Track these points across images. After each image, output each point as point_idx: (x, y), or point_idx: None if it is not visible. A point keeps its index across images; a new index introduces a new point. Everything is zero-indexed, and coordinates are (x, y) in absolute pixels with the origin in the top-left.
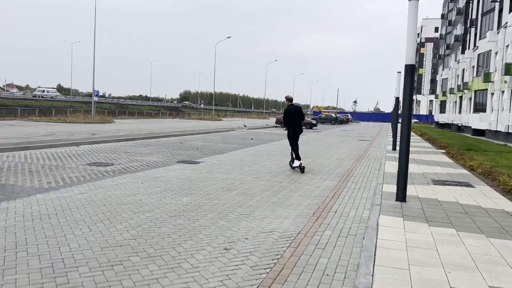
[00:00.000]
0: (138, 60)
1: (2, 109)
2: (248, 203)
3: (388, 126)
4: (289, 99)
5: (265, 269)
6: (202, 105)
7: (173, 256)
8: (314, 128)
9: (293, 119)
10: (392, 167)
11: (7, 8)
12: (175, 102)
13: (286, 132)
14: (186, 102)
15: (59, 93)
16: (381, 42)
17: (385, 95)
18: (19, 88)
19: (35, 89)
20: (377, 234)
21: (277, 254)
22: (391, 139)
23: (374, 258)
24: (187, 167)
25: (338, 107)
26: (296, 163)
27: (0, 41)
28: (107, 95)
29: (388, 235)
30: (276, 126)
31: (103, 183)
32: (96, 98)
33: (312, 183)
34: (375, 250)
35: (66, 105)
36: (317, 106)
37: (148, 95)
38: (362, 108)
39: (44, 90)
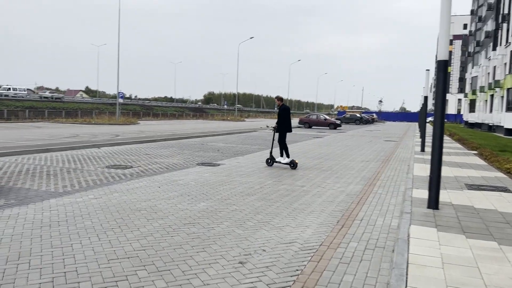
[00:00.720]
0: (163, 62)
1: (31, 111)
2: (268, 210)
3: (415, 126)
4: (280, 99)
5: None
6: (225, 106)
7: (183, 271)
8: (338, 128)
9: (287, 117)
10: (422, 169)
11: (37, 14)
12: (200, 103)
13: (302, 131)
14: (215, 105)
15: (86, 95)
16: (407, 41)
17: (412, 94)
18: (49, 90)
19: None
20: (408, 248)
21: (297, 270)
22: (419, 140)
23: (406, 278)
24: (207, 169)
25: (363, 106)
26: (287, 160)
27: (31, 45)
28: (133, 97)
29: (421, 249)
30: (299, 127)
31: (119, 187)
32: (121, 100)
33: (336, 187)
34: (407, 267)
35: (92, 107)
36: (341, 106)
37: (173, 97)
38: (388, 107)
39: (10, 88)
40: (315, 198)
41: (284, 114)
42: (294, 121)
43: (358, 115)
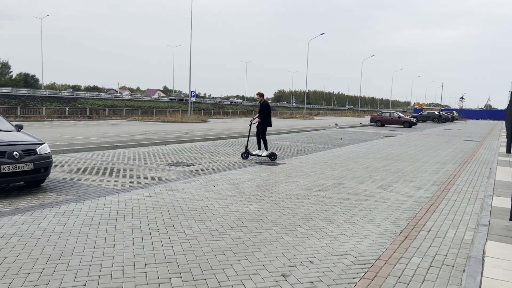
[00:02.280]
0: (235, 61)
1: (111, 109)
2: (323, 215)
3: (501, 124)
4: (262, 95)
5: None
6: (294, 104)
7: (219, 281)
8: (413, 127)
9: (269, 113)
10: (506, 174)
11: (117, 18)
12: (270, 101)
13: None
14: (284, 103)
15: (164, 94)
16: (490, 33)
17: (498, 90)
18: (131, 90)
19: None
20: (482, 269)
21: None
22: (505, 140)
23: None
24: (265, 169)
25: (442, 103)
26: (266, 152)
27: (115, 48)
28: (206, 96)
29: (499, 272)
30: (370, 125)
31: (175, 185)
32: (193, 99)
33: (404, 192)
34: None
35: (168, 105)
36: (418, 103)
37: (244, 95)
38: (471, 105)
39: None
40: (378, 203)
41: (267, 110)
42: (365, 120)
43: (436, 112)
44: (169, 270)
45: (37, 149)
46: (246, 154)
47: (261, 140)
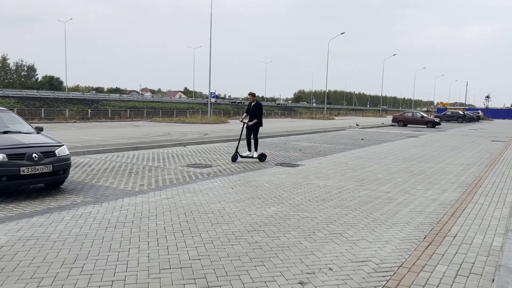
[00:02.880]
0: (255, 62)
1: (132, 111)
2: (343, 219)
3: None
4: (254, 95)
5: None
6: (314, 104)
7: None
8: (437, 127)
9: (261, 113)
10: None
11: (139, 20)
12: (290, 101)
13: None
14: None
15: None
16: None
17: None
18: (152, 92)
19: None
20: None
21: None
22: None
23: None
24: (284, 170)
25: (467, 103)
26: (256, 154)
27: (137, 50)
28: (226, 97)
29: None
30: (392, 125)
31: (193, 187)
32: (213, 100)
33: (428, 194)
34: None
35: (188, 106)
36: (441, 103)
37: (264, 96)
38: (496, 104)
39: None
40: (400, 207)
41: (260, 111)
42: (387, 120)
43: (460, 112)
44: (183, 276)
45: (56, 151)
46: (236, 157)
47: (252, 141)
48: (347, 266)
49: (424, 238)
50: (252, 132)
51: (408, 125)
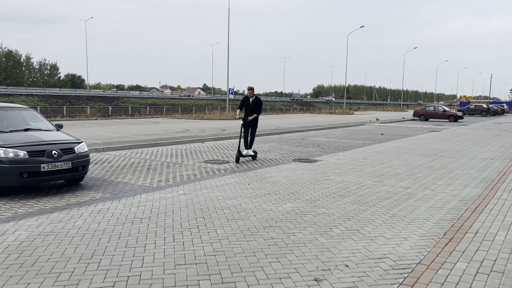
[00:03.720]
0: (273, 58)
1: (152, 107)
2: (360, 215)
3: None
4: (253, 89)
5: None
6: (333, 99)
7: (249, 285)
8: (459, 120)
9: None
10: None
11: (159, 18)
12: (308, 97)
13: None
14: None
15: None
16: None
17: None
18: (172, 88)
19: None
20: None
21: None
22: None
23: None
24: (301, 166)
25: (491, 96)
26: (251, 151)
27: (157, 48)
28: (245, 93)
29: None
30: (413, 119)
31: (210, 183)
32: (231, 96)
33: (448, 190)
34: None
35: (207, 103)
36: (464, 96)
37: (282, 91)
38: None
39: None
40: (420, 203)
41: (260, 107)
42: (408, 114)
43: (484, 105)
44: (198, 272)
45: (75, 148)
46: (239, 157)
47: (252, 138)
48: (364, 263)
49: (444, 234)
50: (251, 128)
51: (430, 119)
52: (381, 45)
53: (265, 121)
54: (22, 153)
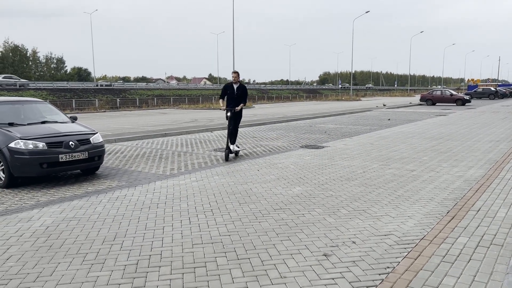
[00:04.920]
0: (278, 45)
1: (159, 98)
2: (367, 196)
3: None
4: (238, 74)
5: (367, 287)
6: (340, 86)
7: (262, 260)
8: (467, 104)
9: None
10: None
11: (163, 9)
12: (315, 84)
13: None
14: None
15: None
16: None
17: None
18: (178, 79)
19: None
20: None
21: (388, 267)
22: None
23: None
24: (309, 152)
25: (499, 79)
26: (236, 147)
27: (161, 39)
28: (251, 82)
29: None
30: (420, 104)
31: (221, 170)
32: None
33: (453, 171)
34: None
35: (213, 93)
36: (472, 79)
37: (288, 79)
38: None
39: None
40: (425, 184)
41: (246, 94)
42: (415, 99)
43: (492, 88)
44: (214, 250)
45: (91, 139)
46: (229, 154)
47: (235, 131)
48: (370, 240)
49: (447, 212)
50: (235, 121)
51: (437, 104)
52: (387, 30)
53: (271, 109)
54: (41, 145)
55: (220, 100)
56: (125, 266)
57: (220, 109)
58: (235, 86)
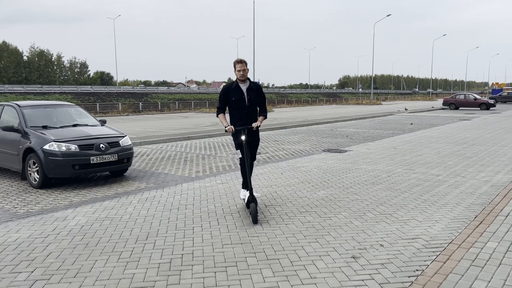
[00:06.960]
0: (298, 49)
1: (180, 102)
2: (392, 201)
3: None
4: (246, 63)
5: None
6: (360, 89)
7: (292, 261)
8: (491, 109)
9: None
10: None
11: (184, 14)
12: (334, 88)
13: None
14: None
15: None
16: None
17: None
18: (197, 83)
19: None
20: None
21: (417, 270)
22: None
23: None
24: (332, 156)
25: None
26: (247, 193)
27: (182, 43)
28: (270, 85)
29: None
30: (443, 108)
31: None
32: None
33: (480, 176)
34: None
35: None
36: (496, 83)
37: (308, 83)
38: None
39: None
40: (451, 189)
41: (264, 97)
42: (438, 103)
43: None
44: (244, 250)
45: (120, 141)
46: (251, 202)
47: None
48: (398, 243)
49: (475, 217)
50: (255, 145)
51: (460, 108)
52: (408, 33)
53: (291, 113)
54: (73, 147)
55: (220, 116)
56: (159, 264)
57: (225, 130)
58: (243, 88)
